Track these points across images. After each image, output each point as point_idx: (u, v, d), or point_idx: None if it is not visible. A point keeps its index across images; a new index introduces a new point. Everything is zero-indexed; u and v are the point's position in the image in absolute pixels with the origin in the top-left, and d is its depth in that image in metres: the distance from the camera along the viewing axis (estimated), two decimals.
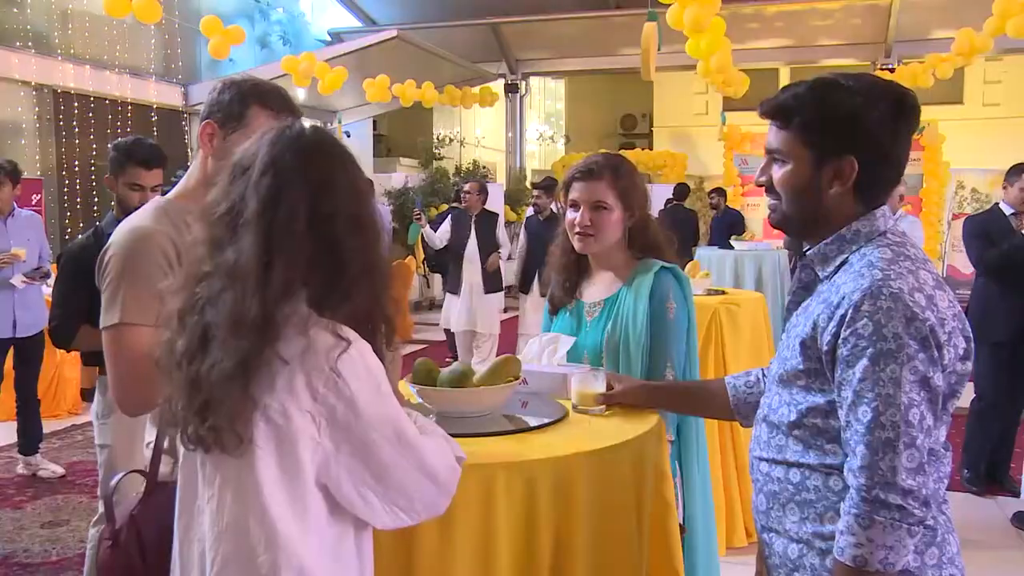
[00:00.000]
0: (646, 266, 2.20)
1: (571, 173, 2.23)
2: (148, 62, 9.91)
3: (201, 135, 1.71)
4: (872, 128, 1.37)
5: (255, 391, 1.14)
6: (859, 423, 1.29)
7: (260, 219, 1.17)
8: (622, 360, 2.12)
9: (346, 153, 1.25)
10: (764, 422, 1.51)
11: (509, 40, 13.87)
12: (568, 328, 2.28)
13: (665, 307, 2.13)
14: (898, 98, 1.39)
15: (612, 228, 2.20)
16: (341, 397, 1.15)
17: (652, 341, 2.11)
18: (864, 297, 1.29)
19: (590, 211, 2.18)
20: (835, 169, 1.41)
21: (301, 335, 1.15)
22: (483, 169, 14.85)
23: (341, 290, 1.19)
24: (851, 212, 1.43)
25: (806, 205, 1.45)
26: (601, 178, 2.18)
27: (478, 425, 1.75)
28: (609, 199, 2.18)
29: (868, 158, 1.39)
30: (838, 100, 1.39)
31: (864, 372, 1.28)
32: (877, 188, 1.42)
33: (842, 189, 1.41)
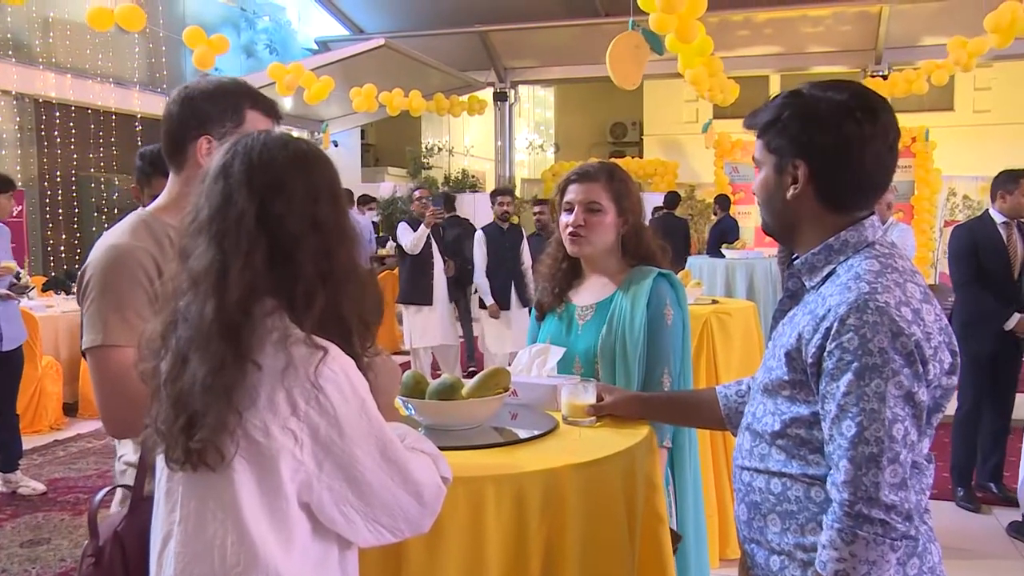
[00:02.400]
0: (642, 272, 2.21)
1: (566, 177, 2.28)
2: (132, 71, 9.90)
3: (199, 152, 1.64)
4: (823, 132, 1.39)
5: (238, 402, 1.13)
6: (843, 437, 1.29)
7: (212, 223, 1.18)
8: (618, 366, 2.13)
9: (310, 157, 1.24)
10: (747, 431, 1.51)
11: (498, 48, 13.92)
12: (557, 332, 2.28)
13: (663, 313, 2.14)
14: (863, 104, 1.39)
15: (605, 230, 2.21)
16: (324, 413, 1.14)
17: (649, 347, 2.12)
18: (850, 310, 1.30)
19: (584, 212, 2.20)
20: (791, 172, 1.44)
21: (282, 351, 1.14)
22: (472, 178, 14.88)
23: (303, 294, 1.18)
24: (822, 217, 1.44)
25: (773, 209, 1.49)
26: (597, 180, 2.21)
27: (467, 437, 1.74)
28: (603, 200, 2.20)
29: (821, 162, 1.41)
30: (796, 105, 1.43)
31: (849, 386, 1.29)
32: (840, 193, 1.43)
33: (797, 192, 1.43)
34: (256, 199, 1.18)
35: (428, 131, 16.97)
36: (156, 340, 1.21)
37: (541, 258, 2.41)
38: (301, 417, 1.13)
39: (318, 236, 1.19)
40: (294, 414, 1.13)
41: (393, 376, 1.40)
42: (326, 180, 1.24)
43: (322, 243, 1.19)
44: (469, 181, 14.65)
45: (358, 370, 1.20)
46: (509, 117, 14.79)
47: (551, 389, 1.99)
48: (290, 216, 1.18)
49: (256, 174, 1.19)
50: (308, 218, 1.19)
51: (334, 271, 1.20)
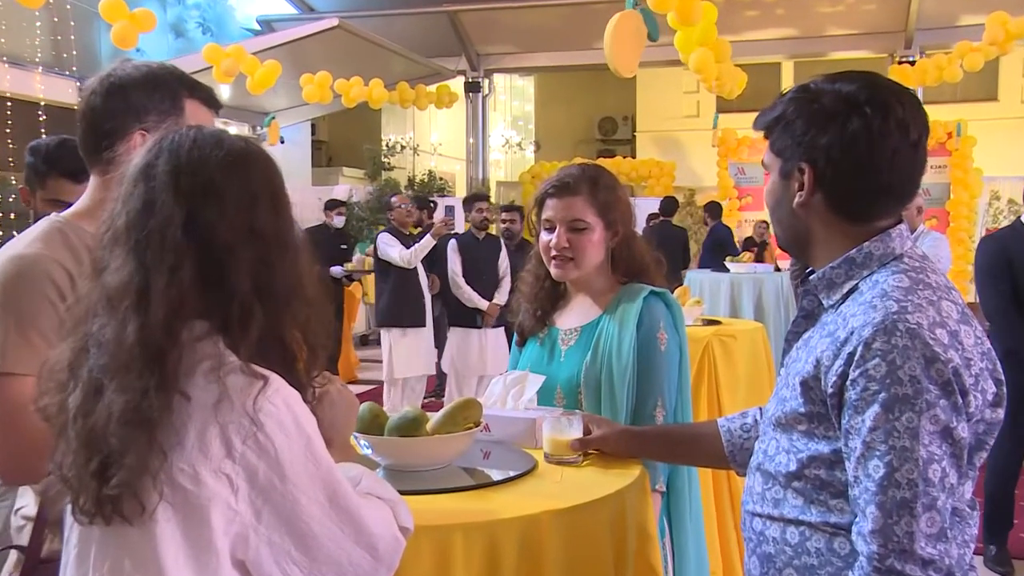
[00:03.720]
0: (632, 291, 2.22)
1: (544, 189, 2.27)
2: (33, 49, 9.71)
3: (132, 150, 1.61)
4: (824, 130, 1.41)
5: (163, 441, 1.11)
6: (870, 480, 1.28)
7: (131, 232, 1.16)
8: (604, 397, 2.14)
9: (248, 156, 1.24)
10: (758, 471, 1.51)
11: (470, 31, 13.99)
12: (538, 359, 2.29)
13: (655, 338, 2.15)
14: (872, 96, 1.40)
15: (593, 250, 2.22)
16: (263, 454, 1.13)
17: (640, 376, 2.13)
18: (876, 333, 1.29)
19: (567, 232, 2.21)
20: (797, 177, 1.46)
21: (215, 381, 1.13)
22: (440, 181, 14.89)
23: (238, 314, 1.16)
24: (837, 228, 1.46)
25: (781, 220, 1.52)
26: (578, 193, 2.22)
27: (433, 480, 1.74)
28: (588, 216, 2.21)
29: (827, 166, 1.42)
30: (801, 100, 1.45)
31: (876, 420, 1.28)
32: (853, 201, 1.44)
33: (803, 200, 1.45)
34: (183, 204, 1.17)
35: (389, 126, 16.98)
36: (63, 370, 1.18)
37: (521, 275, 2.42)
38: (236, 459, 1.12)
39: (256, 247, 1.19)
40: (228, 455, 1.11)
41: (348, 410, 1.40)
42: (266, 182, 1.24)
43: (261, 255, 1.19)
44: (436, 184, 14.65)
45: (304, 403, 1.19)
46: (483, 111, 14.85)
47: (529, 423, 2.00)
48: (223, 224, 1.17)
49: (184, 176, 1.18)
50: (244, 226, 1.18)
51: (275, 288, 1.19)
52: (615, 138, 20.16)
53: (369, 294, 10.82)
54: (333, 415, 1.32)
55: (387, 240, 6.86)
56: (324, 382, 1.30)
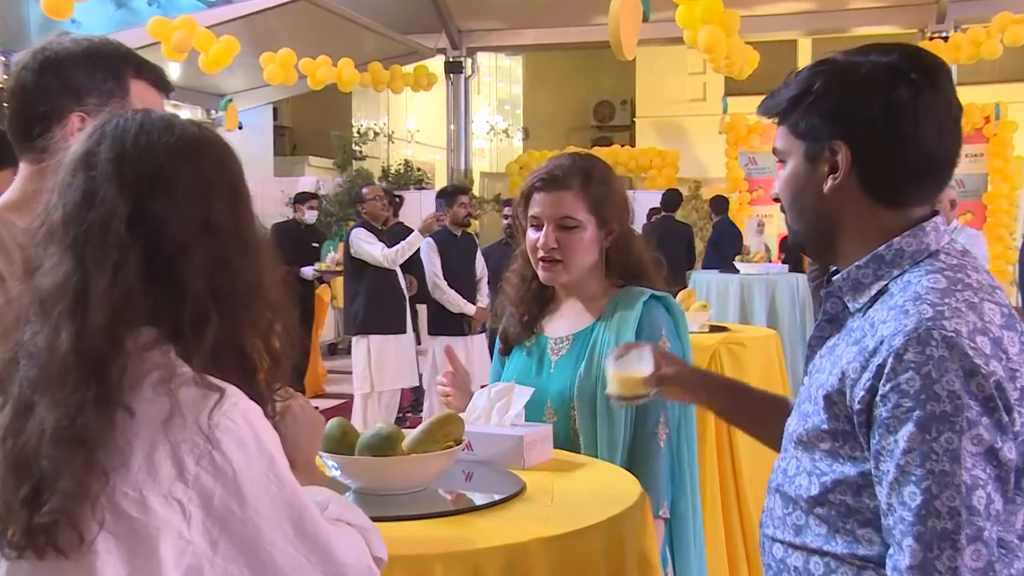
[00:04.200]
0: (629, 295, 2.23)
1: (530, 182, 2.27)
2: None
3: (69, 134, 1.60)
4: (869, 100, 1.40)
5: (104, 462, 1.09)
6: (906, 508, 1.27)
7: (68, 227, 1.15)
8: (600, 412, 2.14)
9: (203, 143, 1.23)
10: (778, 493, 1.51)
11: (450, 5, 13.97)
12: (525, 370, 2.30)
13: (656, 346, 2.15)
14: (918, 64, 1.41)
15: (585, 251, 2.23)
16: (220, 476, 1.11)
17: None
18: (909, 342, 1.28)
19: (556, 230, 2.21)
20: (828, 159, 1.45)
21: (165, 395, 1.11)
22: (417, 172, 14.90)
23: (191, 319, 1.15)
24: (870, 216, 1.45)
25: (804, 211, 1.50)
26: (568, 187, 2.22)
27: (409, 504, 1.74)
28: (579, 213, 2.21)
29: (869, 141, 1.41)
30: (830, 72, 1.45)
31: (911, 441, 1.26)
32: (893, 181, 1.43)
33: (837, 183, 1.44)
34: (129, 196, 1.15)
35: (361, 111, 16.97)
36: None
37: (506, 276, 2.42)
38: (189, 482, 1.10)
39: (211, 244, 1.18)
40: (180, 478, 1.10)
41: (313, 427, 1.39)
42: (223, 172, 1.23)
43: (216, 253, 1.18)
44: (414, 175, 14.65)
45: (265, 418, 1.19)
46: (465, 94, 14.85)
47: (516, 441, 2.00)
48: (174, 218, 1.16)
49: (129, 164, 1.17)
50: (198, 221, 1.17)
51: (232, 290, 1.19)
52: (612, 124, 20.20)
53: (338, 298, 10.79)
54: (296, 432, 1.32)
55: (364, 236, 6.82)
56: (285, 396, 1.29)
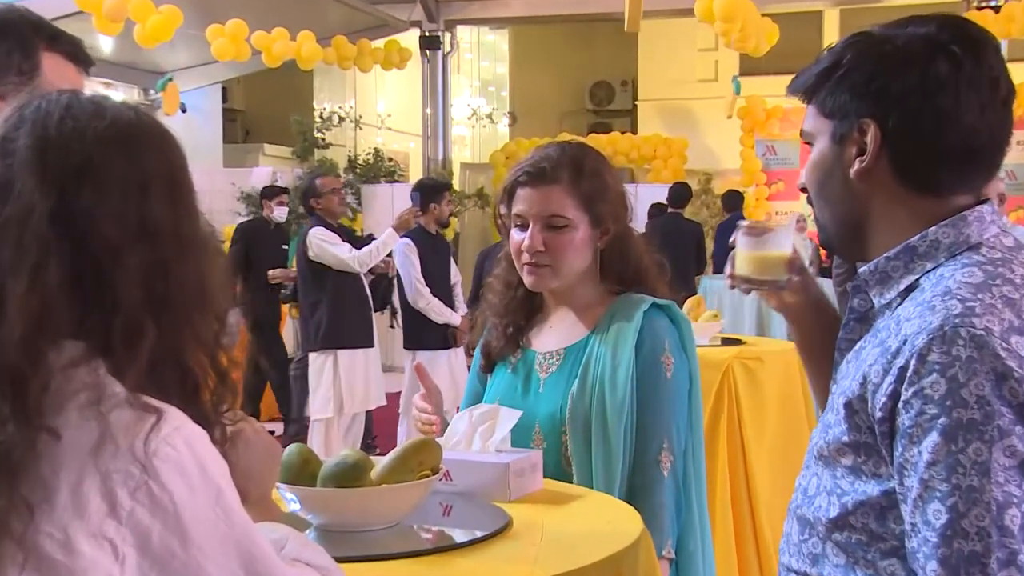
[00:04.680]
0: (628, 304, 2.24)
1: (514, 175, 2.27)
2: None
3: None
4: (902, 74, 1.42)
5: (26, 494, 1.08)
6: (930, 528, 1.28)
7: None
8: (595, 438, 2.15)
9: (139, 129, 1.23)
10: (796, 516, 1.52)
11: None
12: (510, 390, 2.31)
13: (659, 362, 2.17)
14: (960, 35, 1.42)
15: (576, 253, 2.24)
16: (158, 511, 1.09)
17: (640, 412, 2.15)
18: (933, 341, 1.30)
19: (543, 230, 2.22)
20: (855, 140, 1.47)
21: (94, 418, 1.10)
22: (388, 162, 14.88)
23: (123, 330, 1.14)
24: (902, 204, 1.47)
25: (831, 198, 1.52)
26: (557, 181, 2.22)
27: (380, 543, 1.74)
28: (569, 211, 2.22)
29: (899, 118, 1.43)
30: (862, 45, 1.47)
31: (935, 453, 1.28)
32: (930, 163, 1.44)
33: (865, 166, 1.46)
34: (52, 190, 1.14)
35: (324, 92, 16.95)
36: None
37: (488, 282, 2.43)
38: (123, 518, 1.09)
39: (147, 245, 1.17)
40: (112, 514, 1.08)
41: (268, 454, 1.39)
42: (162, 163, 1.22)
43: (153, 256, 1.17)
44: (385, 166, 14.64)
45: (212, 444, 1.18)
46: (443, 73, 14.85)
47: (501, 470, 2.01)
48: (104, 215, 1.15)
49: (53, 152, 1.16)
50: (132, 219, 1.17)
51: (172, 297, 1.18)
52: (611, 108, 20.21)
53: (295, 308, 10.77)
54: (249, 460, 1.31)
55: (325, 236, 6.79)
56: (235, 419, 1.29)
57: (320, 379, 6.87)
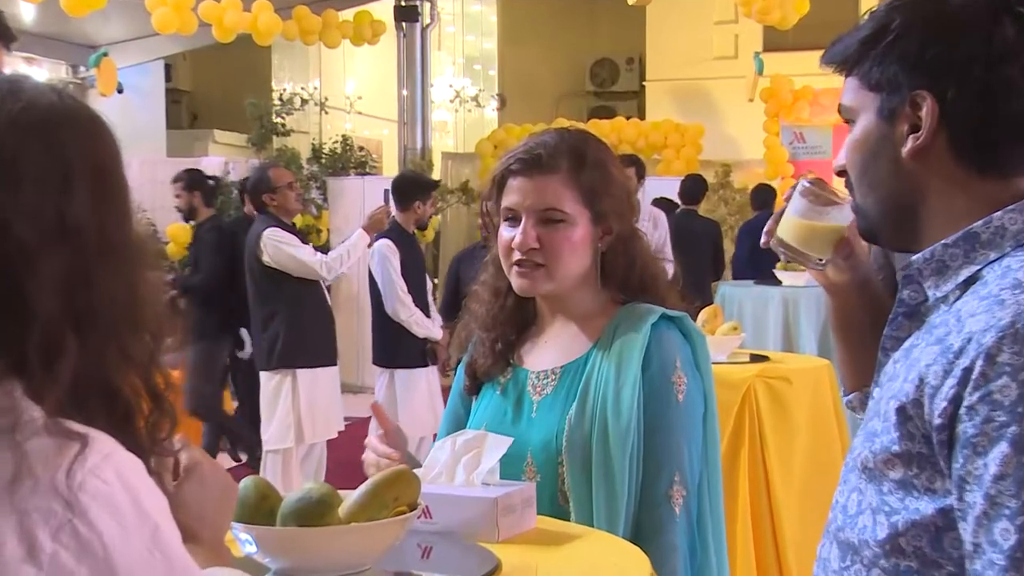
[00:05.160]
0: (634, 315, 2.25)
1: (505, 164, 2.28)
2: None
3: None
4: (961, 40, 1.43)
5: None
6: (997, 550, 1.29)
7: None
8: (596, 469, 2.16)
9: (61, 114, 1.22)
10: (835, 539, 1.53)
11: None
12: (498, 414, 2.31)
13: (670, 382, 2.18)
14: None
15: (573, 253, 2.24)
16: (85, 554, 1.08)
17: (648, 440, 2.16)
18: (1003, 340, 1.31)
19: (537, 226, 2.22)
20: (908, 115, 1.47)
21: (7, 449, 1.09)
22: (359, 151, 14.88)
23: (40, 347, 1.13)
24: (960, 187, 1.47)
25: (878, 181, 1.53)
26: (554, 170, 2.23)
27: None
28: (567, 205, 2.23)
29: (957, 92, 1.43)
30: (911, 8, 1.48)
31: (1004, 465, 1.28)
32: (992, 144, 1.45)
33: (919, 144, 1.46)
34: None
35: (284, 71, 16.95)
36: None
37: (474, 290, 2.43)
38: (44, 563, 1.07)
39: (70, 250, 1.16)
40: (31, 559, 1.07)
41: (224, 492, 1.40)
42: (88, 153, 1.22)
43: (77, 261, 1.17)
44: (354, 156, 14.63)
45: (148, 476, 1.18)
46: (422, 49, 14.85)
47: (488, 506, 2.01)
48: (18, 214, 1.14)
49: None
50: (52, 219, 1.16)
51: (97, 309, 1.17)
52: (615, 90, 20.25)
53: None
54: (202, 500, 1.32)
55: (283, 238, 6.74)
56: (175, 448, 1.29)
57: (276, 403, 6.80)
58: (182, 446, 1.34)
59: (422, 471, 2.09)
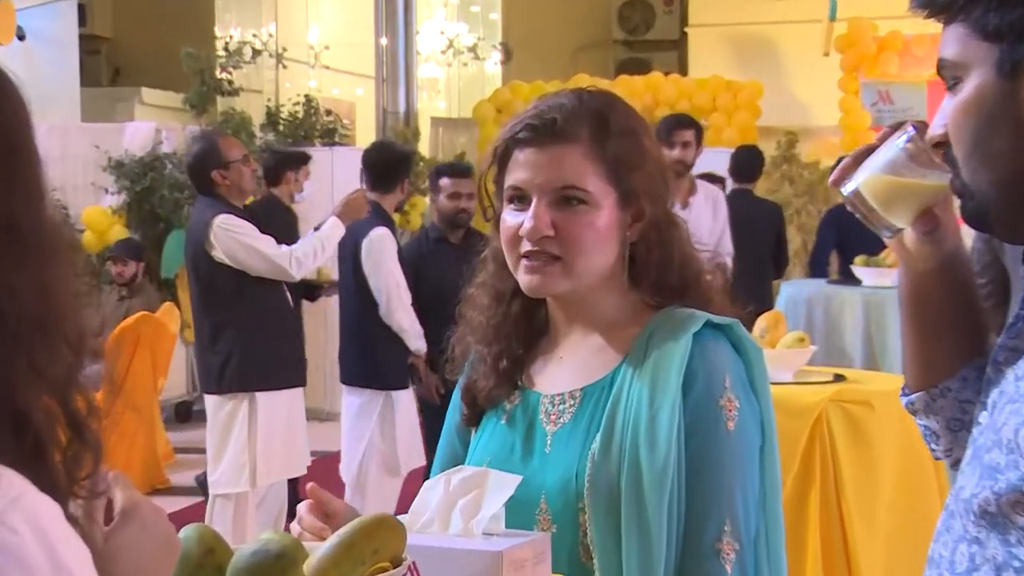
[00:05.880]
0: (671, 322, 2.25)
1: (509, 132, 2.27)
2: None
3: None
4: None
5: None
6: None
7: None
8: (628, 516, 2.14)
9: None
10: None
11: None
12: (504, 447, 2.32)
13: (717, 407, 2.18)
14: None
15: (597, 243, 2.24)
16: None
17: (692, 479, 2.16)
18: None
19: (552, 207, 2.23)
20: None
21: None
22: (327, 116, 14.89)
23: None
24: None
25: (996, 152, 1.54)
26: (572, 138, 2.23)
27: None
28: (589, 182, 2.23)
29: None
30: None
31: None
32: None
33: None
34: None
35: (231, 14, 16.97)
36: None
37: (470, 294, 2.43)
38: None
39: None
40: None
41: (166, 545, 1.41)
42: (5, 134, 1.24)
43: None
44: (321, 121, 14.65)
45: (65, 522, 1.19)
46: None
47: (492, 560, 2.01)
48: None
49: None
50: None
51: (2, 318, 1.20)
52: (648, 39, 20.24)
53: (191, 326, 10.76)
54: (140, 551, 1.33)
55: (239, 227, 6.71)
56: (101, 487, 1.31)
57: (228, 436, 6.76)
58: (116, 484, 1.35)
59: (409, 517, 2.10)
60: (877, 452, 4.14)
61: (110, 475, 1.33)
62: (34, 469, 1.18)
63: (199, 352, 7.13)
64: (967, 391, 1.81)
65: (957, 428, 1.83)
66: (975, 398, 1.74)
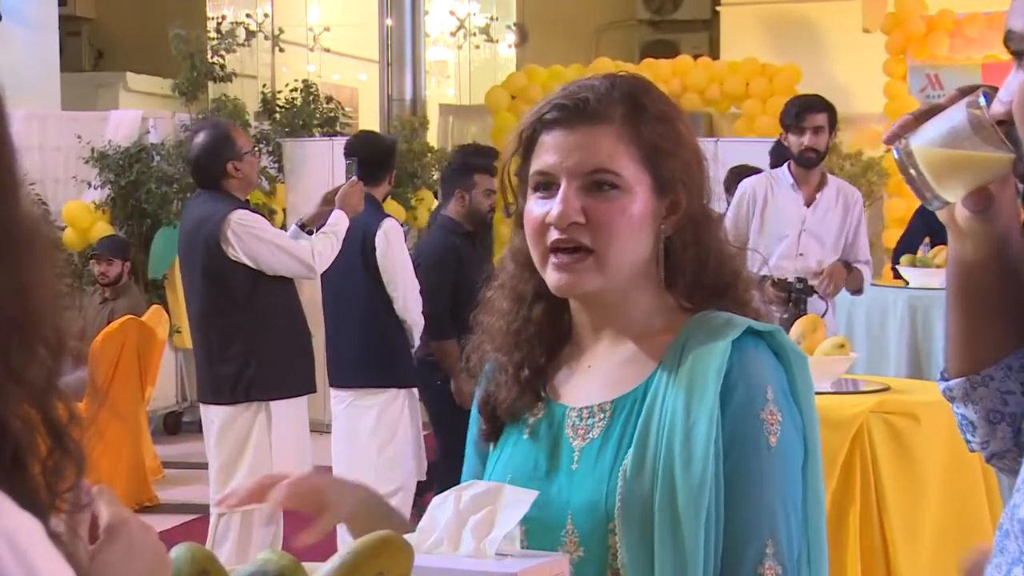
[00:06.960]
0: (709, 327, 2.24)
1: (536, 114, 2.27)
2: None
3: None
4: None
5: None
6: None
7: None
8: (660, 537, 2.13)
9: None
10: None
11: None
12: (526, 463, 2.32)
13: (758, 420, 2.17)
14: None
15: (632, 235, 2.23)
16: None
17: (731, 498, 2.15)
18: None
19: (581, 193, 2.22)
20: None
21: None
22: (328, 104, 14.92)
23: None
24: None
25: None
26: (606, 119, 2.23)
27: None
28: (623, 166, 2.22)
29: None
30: None
31: None
32: None
33: None
34: None
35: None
36: None
37: (488, 297, 2.41)
38: None
39: None
40: None
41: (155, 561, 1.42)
42: None
43: None
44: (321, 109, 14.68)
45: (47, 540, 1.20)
46: None
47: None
48: None
49: None
50: None
51: None
52: (676, 18, 20.23)
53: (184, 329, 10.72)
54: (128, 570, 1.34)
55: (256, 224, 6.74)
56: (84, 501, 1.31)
57: (244, 450, 6.73)
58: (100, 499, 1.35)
59: (416, 537, 2.10)
60: (922, 468, 4.14)
61: (94, 489, 1.33)
62: (12, 481, 1.19)
63: (204, 360, 6.97)
64: (1010, 381, 1.83)
65: (996, 420, 1.85)
66: (1018, 389, 1.79)
